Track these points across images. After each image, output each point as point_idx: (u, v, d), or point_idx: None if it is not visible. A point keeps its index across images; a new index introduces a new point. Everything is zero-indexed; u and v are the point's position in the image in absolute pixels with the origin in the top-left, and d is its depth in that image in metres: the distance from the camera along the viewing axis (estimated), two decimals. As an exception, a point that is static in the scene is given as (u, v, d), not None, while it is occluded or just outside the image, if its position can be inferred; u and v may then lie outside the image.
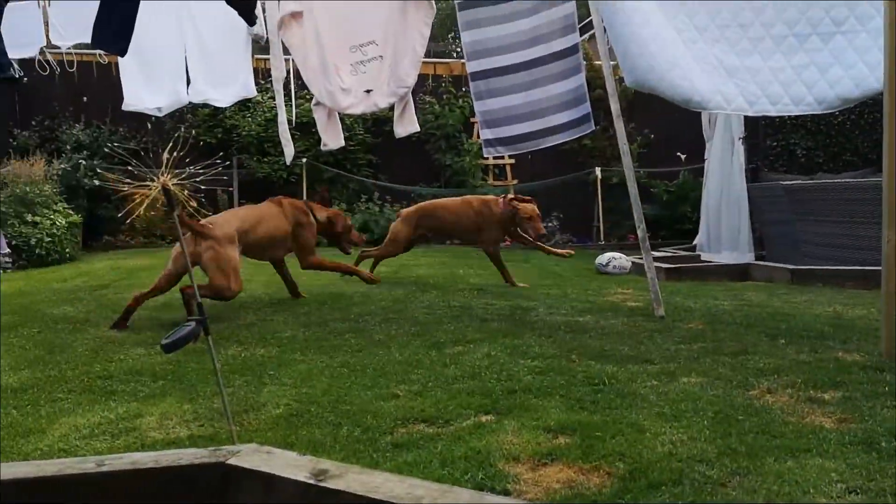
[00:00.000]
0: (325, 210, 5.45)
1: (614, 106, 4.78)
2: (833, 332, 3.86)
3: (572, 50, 5.09)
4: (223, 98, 6.01)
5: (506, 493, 1.96)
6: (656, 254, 8.39)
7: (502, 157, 10.53)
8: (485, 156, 7.04)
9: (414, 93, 5.23)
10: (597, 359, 3.37)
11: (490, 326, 4.15)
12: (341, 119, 5.38)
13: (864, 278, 5.64)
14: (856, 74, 4.14)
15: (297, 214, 5.14)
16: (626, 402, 2.71)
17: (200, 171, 2.63)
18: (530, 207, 5.92)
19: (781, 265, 6.55)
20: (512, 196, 6.27)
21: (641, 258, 4.97)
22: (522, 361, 3.33)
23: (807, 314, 4.46)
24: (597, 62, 8.66)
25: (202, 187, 2.92)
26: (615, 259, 7.06)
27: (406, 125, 5.11)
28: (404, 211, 6.44)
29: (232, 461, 1.91)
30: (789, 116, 9.78)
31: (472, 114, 8.36)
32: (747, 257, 7.79)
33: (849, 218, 6.83)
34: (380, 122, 10.43)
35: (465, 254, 8.16)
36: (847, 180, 7.05)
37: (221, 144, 10.41)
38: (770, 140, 10.17)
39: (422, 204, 6.73)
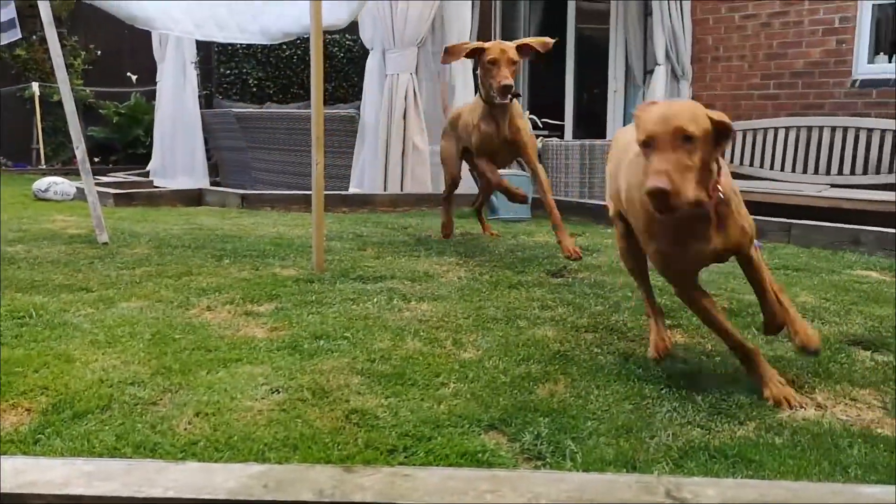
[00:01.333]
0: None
1: (44, 11, 4.26)
2: (274, 250, 4.10)
3: (-8, -61, 4.38)
4: None
5: None
6: (106, 179, 7.95)
7: None
8: None
9: None
10: (25, 291, 3.03)
11: None
12: None
13: (307, 202, 6.14)
14: (296, 11, 4.35)
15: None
16: (56, 334, 2.49)
17: None
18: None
19: (233, 190, 6.75)
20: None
21: (84, 181, 4.61)
22: (-73, 300, 2.81)
23: (252, 235, 4.66)
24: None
25: None
26: (56, 184, 6.45)
27: None
28: None
29: None
30: (241, 46, 10.05)
31: None
32: (202, 183, 7.86)
33: (294, 146, 7.35)
34: None
35: None
36: (291, 111, 7.54)
37: None
38: (223, 68, 10.32)
39: None
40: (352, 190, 6.72)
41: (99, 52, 10.39)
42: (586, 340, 2.52)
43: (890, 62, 7.32)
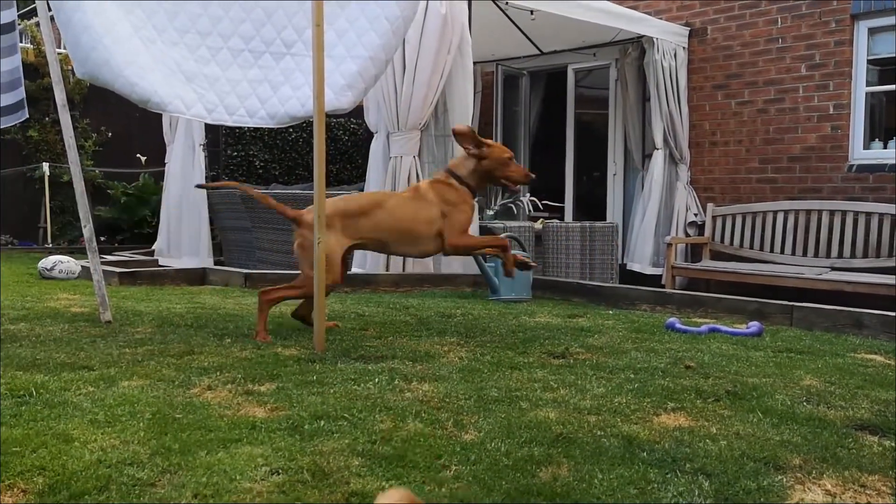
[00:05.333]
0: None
1: (59, 95, 4.39)
2: (276, 329, 4.10)
3: (9, 27, 4.54)
4: None
5: None
6: (111, 258, 8.01)
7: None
8: None
9: None
10: (26, 369, 3.02)
11: None
12: None
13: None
14: (302, 95, 4.46)
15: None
16: (56, 413, 2.47)
17: None
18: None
19: (237, 270, 6.79)
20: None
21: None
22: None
23: (255, 314, 4.65)
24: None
25: None
26: (62, 262, 6.50)
27: None
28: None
29: None
30: (248, 129, 10.29)
31: None
32: (206, 262, 7.91)
33: (297, 226, 7.41)
34: None
35: None
36: (296, 191, 7.65)
37: None
38: (231, 150, 10.52)
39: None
40: (354, 270, 6.76)
41: (110, 134, 10.62)
42: (589, 423, 2.50)
43: (885, 148, 7.46)
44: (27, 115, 4.68)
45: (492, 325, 4.39)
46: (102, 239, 10.00)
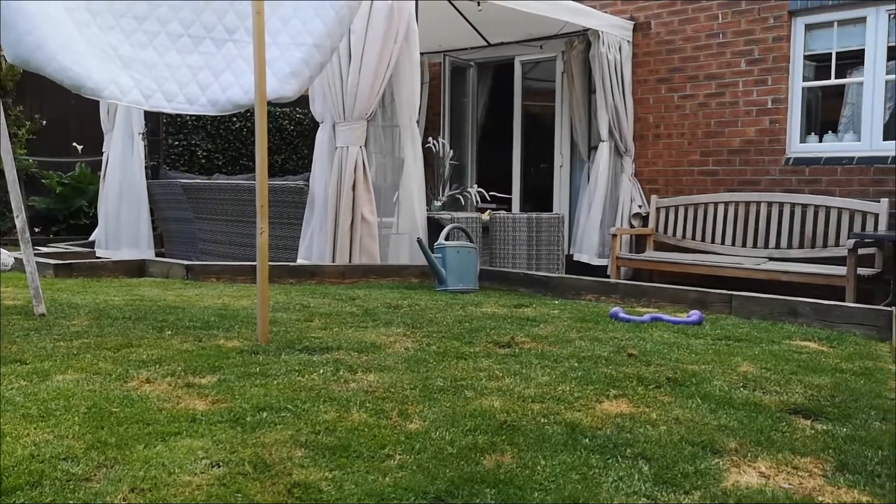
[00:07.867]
0: None
1: (-9, 79, 4.24)
2: (218, 321, 4.03)
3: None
4: None
5: None
6: (46, 249, 7.79)
7: None
8: None
9: None
10: (-45, 363, 2.92)
11: None
12: None
13: (253, 273, 6.07)
14: (245, 82, 4.37)
15: None
16: (-14, 408, 2.39)
17: None
18: None
19: (178, 261, 6.66)
20: None
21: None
22: None
23: (196, 306, 4.58)
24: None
25: None
26: (-6, 254, 6.29)
27: None
28: None
29: None
30: (190, 118, 10.07)
31: None
32: (146, 254, 7.75)
33: (242, 217, 7.32)
34: None
35: None
36: (240, 182, 7.53)
37: None
38: (172, 139, 10.29)
39: None
40: (299, 261, 6.68)
41: (44, 122, 10.29)
42: (533, 411, 2.52)
43: (821, 142, 7.68)
44: None
45: (438, 316, 4.39)
46: (37, 230, 9.70)
